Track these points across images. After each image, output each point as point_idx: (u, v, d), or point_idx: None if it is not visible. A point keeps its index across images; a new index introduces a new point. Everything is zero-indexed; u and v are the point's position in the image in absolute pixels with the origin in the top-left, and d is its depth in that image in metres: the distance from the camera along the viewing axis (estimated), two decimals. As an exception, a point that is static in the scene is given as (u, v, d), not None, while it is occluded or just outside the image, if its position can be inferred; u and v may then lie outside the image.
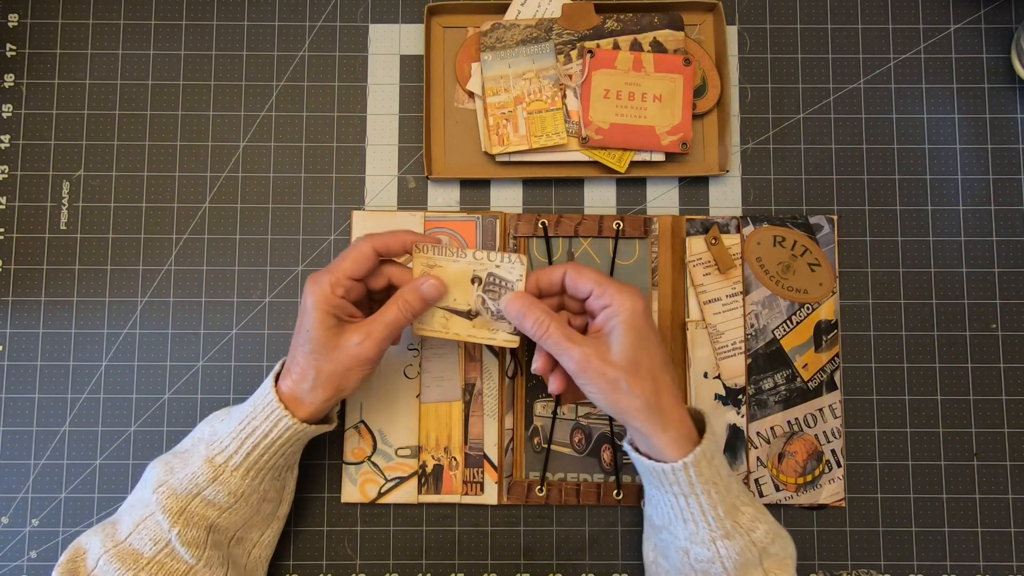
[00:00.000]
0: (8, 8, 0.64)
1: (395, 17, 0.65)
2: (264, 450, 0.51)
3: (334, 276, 0.51)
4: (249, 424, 0.51)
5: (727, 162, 0.62)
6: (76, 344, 0.62)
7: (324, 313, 0.51)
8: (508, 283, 0.53)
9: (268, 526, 0.56)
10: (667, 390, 0.51)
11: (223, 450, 0.51)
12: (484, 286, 0.53)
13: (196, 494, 0.50)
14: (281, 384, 0.52)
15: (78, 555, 0.50)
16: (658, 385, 0.50)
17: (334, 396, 0.52)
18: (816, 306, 0.61)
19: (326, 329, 0.51)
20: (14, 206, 0.63)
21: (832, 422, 0.61)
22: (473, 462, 0.60)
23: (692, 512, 0.50)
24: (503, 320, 0.53)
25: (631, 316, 0.50)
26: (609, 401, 0.50)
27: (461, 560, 0.60)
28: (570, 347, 0.50)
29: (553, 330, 0.51)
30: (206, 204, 0.63)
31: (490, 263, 0.53)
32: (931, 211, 0.63)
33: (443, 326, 0.54)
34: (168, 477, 0.51)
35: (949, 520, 0.61)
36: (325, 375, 0.51)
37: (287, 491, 0.57)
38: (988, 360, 0.62)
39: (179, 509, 0.50)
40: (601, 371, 0.50)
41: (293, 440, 0.52)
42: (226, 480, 0.51)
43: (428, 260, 0.53)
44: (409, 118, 0.64)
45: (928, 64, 0.64)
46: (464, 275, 0.53)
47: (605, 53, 0.62)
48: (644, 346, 0.50)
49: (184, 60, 0.64)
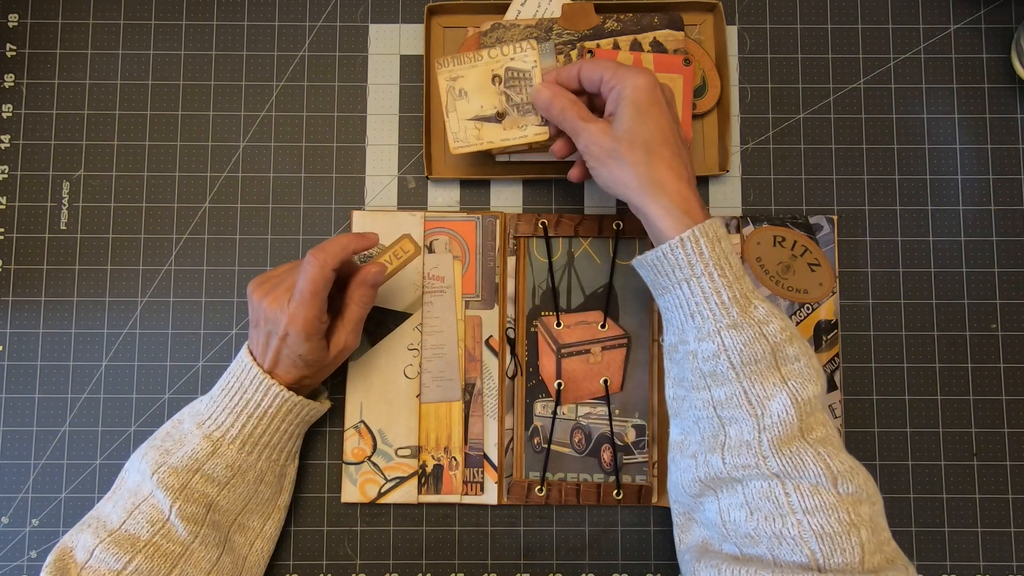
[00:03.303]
0: (8, 8, 0.64)
1: (395, 17, 0.65)
2: (258, 420, 0.53)
3: (311, 311, 0.52)
4: (241, 398, 0.53)
5: (727, 162, 0.62)
6: (76, 344, 0.62)
7: (315, 340, 0.53)
8: (525, 72, 0.55)
9: (269, 515, 0.56)
10: (664, 163, 0.49)
11: (219, 424, 0.53)
12: (505, 82, 0.55)
13: (196, 469, 0.51)
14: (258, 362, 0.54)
15: (64, 554, 0.49)
16: (652, 157, 0.49)
17: (325, 375, 0.57)
18: (816, 306, 0.61)
19: (319, 350, 0.54)
20: (14, 206, 0.63)
21: (832, 422, 0.60)
22: (473, 462, 0.60)
23: (696, 301, 0.48)
24: (530, 113, 0.56)
25: (633, 91, 0.50)
26: (605, 172, 0.50)
27: (461, 560, 0.60)
28: (580, 124, 0.51)
29: (569, 111, 0.52)
30: (206, 204, 0.63)
31: (504, 58, 0.55)
32: (931, 211, 0.63)
33: (476, 138, 0.56)
34: (166, 459, 0.52)
35: (949, 520, 0.61)
36: (326, 367, 0.56)
37: (287, 480, 0.57)
38: (988, 360, 0.62)
39: (180, 485, 0.51)
40: (601, 143, 0.50)
41: (286, 412, 0.54)
42: (224, 452, 0.52)
43: (449, 72, 0.56)
44: (409, 118, 0.64)
45: (928, 64, 0.64)
46: (485, 77, 0.56)
47: (605, 53, 0.62)
48: (644, 119, 0.50)
49: (184, 60, 0.64)
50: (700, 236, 0.47)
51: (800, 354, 0.47)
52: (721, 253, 0.48)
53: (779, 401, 0.45)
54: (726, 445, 0.46)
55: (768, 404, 0.45)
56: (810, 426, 0.46)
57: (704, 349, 0.47)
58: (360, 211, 0.62)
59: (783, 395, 0.45)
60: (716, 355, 0.47)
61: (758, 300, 0.48)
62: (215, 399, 0.54)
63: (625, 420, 0.60)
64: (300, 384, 0.55)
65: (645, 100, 0.50)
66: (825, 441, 0.46)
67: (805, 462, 0.44)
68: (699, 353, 0.48)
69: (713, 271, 0.47)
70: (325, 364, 0.55)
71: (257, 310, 0.54)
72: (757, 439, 0.45)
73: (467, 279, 0.62)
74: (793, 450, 0.45)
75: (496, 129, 0.56)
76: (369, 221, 0.62)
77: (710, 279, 0.47)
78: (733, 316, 0.47)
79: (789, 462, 0.44)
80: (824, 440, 0.46)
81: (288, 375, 0.54)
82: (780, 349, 0.46)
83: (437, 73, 0.56)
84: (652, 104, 0.50)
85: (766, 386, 0.46)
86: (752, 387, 0.46)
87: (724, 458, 0.46)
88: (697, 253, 0.47)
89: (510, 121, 0.56)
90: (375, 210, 0.63)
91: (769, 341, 0.46)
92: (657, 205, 0.48)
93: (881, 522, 0.45)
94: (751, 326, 0.46)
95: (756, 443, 0.45)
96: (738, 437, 0.46)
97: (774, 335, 0.46)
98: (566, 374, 0.60)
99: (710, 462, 0.47)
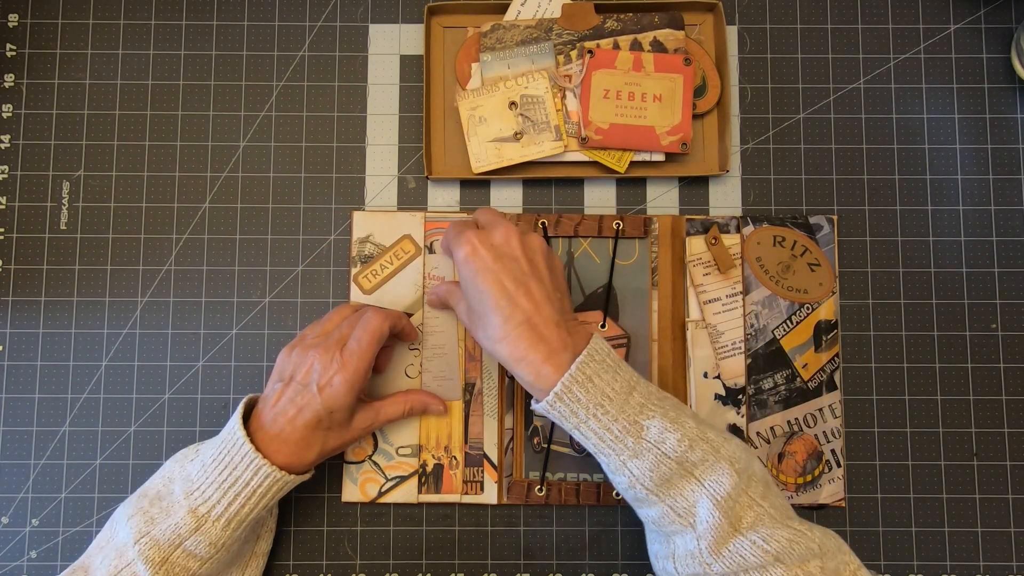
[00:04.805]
0: (8, 8, 0.64)
1: (395, 17, 0.65)
2: (246, 499, 0.50)
3: (364, 362, 0.51)
4: (230, 474, 0.50)
5: (727, 162, 0.62)
6: (76, 344, 0.62)
7: (355, 397, 0.52)
8: (539, 98, 0.60)
9: (247, 564, 0.55)
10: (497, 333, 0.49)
11: (206, 500, 0.50)
12: (520, 108, 0.60)
13: (178, 544, 0.49)
14: (261, 434, 0.51)
15: None
16: (496, 332, 0.49)
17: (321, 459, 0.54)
18: (816, 306, 0.61)
19: (349, 411, 0.53)
20: (14, 206, 0.63)
21: (832, 422, 0.61)
22: (473, 461, 0.60)
23: (593, 442, 0.48)
24: (546, 131, 0.60)
25: (460, 267, 0.50)
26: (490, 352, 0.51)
27: (461, 560, 0.60)
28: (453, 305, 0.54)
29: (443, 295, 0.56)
30: (206, 204, 0.63)
31: (519, 87, 0.60)
32: (931, 211, 0.63)
33: (497, 157, 0.61)
34: (150, 528, 0.49)
35: (949, 520, 0.61)
36: (329, 449, 0.53)
37: (266, 529, 0.57)
38: (988, 360, 0.62)
39: (161, 560, 0.48)
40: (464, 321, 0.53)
41: (277, 491, 0.51)
42: (208, 531, 0.49)
43: (470, 103, 0.61)
44: (409, 118, 0.64)
45: (928, 64, 0.64)
46: (502, 105, 0.60)
47: (605, 53, 0.62)
48: (475, 294, 0.49)
49: (184, 60, 0.64)
50: (572, 385, 0.47)
51: (705, 453, 0.47)
52: (596, 390, 0.47)
53: (703, 507, 0.46)
54: (675, 555, 0.48)
55: (696, 511, 0.46)
56: (738, 516, 0.46)
57: (619, 481, 0.49)
58: (360, 211, 0.62)
59: (704, 500, 0.46)
60: (631, 485, 0.48)
61: (648, 418, 0.47)
62: (206, 468, 0.50)
63: (625, 420, 0.60)
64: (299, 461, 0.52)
65: (468, 274, 0.49)
66: (756, 524, 0.46)
67: (745, 556, 0.45)
68: (618, 483, 0.49)
69: (595, 412, 0.47)
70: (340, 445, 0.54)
71: (297, 363, 0.52)
72: (698, 547, 0.46)
73: (467, 279, 0.62)
74: (731, 548, 0.45)
75: (515, 147, 0.61)
76: (369, 221, 0.62)
77: (596, 420, 0.47)
78: (629, 446, 0.47)
79: (731, 562, 0.45)
80: (755, 523, 0.46)
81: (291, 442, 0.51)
82: (685, 459, 0.47)
83: (458, 103, 0.61)
84: (476, 275, 0.49)
85: (687, 495, 0.46)
86: (675, 502, 0.47)
87: (677, 568, 0.48)
88: (574, 403, 0.47)
89: (527, 139, 0.60)
90: (375, 210, 0.63)
91: (672, 458, 0.46)
92: (523, 373, 0.49)
93: (838, 566, 0.46)
94: (649, 450, 0.46)
95: (698, 552, 0.46)
96: (684, 547, 0.47)
97: (674, 450, 0.46)
98: (566, 374, 0.60)
99: (667, 568, 0.49)
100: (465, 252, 0.49)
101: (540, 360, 0.48)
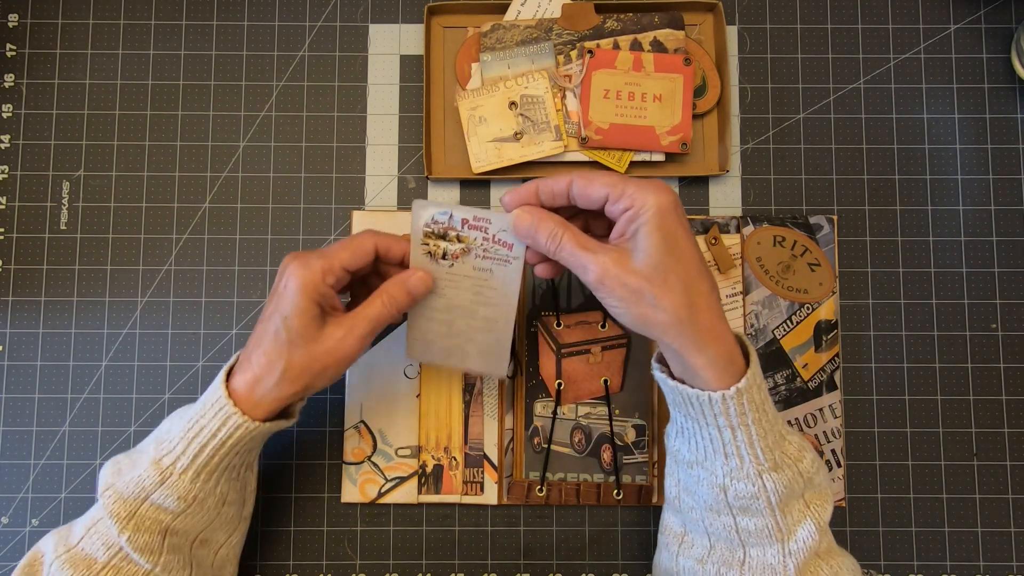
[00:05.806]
0: (8, 8, 0.64)
1: (395, 17, 0.65)
2: (214, 451, 0.47)
3: (328, 263, 0.47)
4: (197, 423, 0.47)
5: (727, 162, 0.62)
6: (76, 344, 0.62)
7: (309, 301, 0.46)
8: (539, 98, 0.60)
9: (235, 528, 0.53)
10: (704, 301, 0.44)
11: (171, 451, 0.47)
12: (520, 108, 0.60)
13: (144, 498, 0.47)
14: (236, 378, 0.48)
15: (36, 559, 0.47)
16: (692, 296, 0.43)
17: (300, 393, 0.48)
18: (816, 306, 0.61)
19: (309, 318, 0.46)
20: (14, 206, 0.63)
21: (832, 422, 0.61)
22: (473, 462, 0.60)
23: (738, 445, 0.45)
24: (546, 131, 0.60)
25: (656, 215, 0.43)
26: (634, 315, 0.44)
27: (461, 560, 0.60)
28: (586, 257, 0.44)
29: (567, 240, 0.44)
30: (206, 204, 0.63)
31: (519, 87, 0.60)
32: (931, 211, 0.63)
33: (497, 157, 0.61)
34: (115, 480, 0.47)
35: (949, 520, 0.61)
36: (296, 369, 0.47)
37: (248, 490, 0.53)
38: (988, 360, 0.62)
39: (127, 514, 0.46)
40: (622, 281, 0.43)
41: (246, 439, 0.48)
42: (175, 484, 0.47)
43: (471, 103, 0.60)
44: (409, 118, 0.64)
45: (928, 64, 0.64)
46: (502, 105, 0.60)
47: (605, 53, 0.62)
48: (673, 250, 0.43)
49: (184, 60, 0.64)
50: (752, 385, 0.44)
51: (823, 480, 0.48)
52: (760, 405, 0.45)
53: (806, 528, 0.46)
54: (746, 564, 0.47)
55: (796, 530, 0.46)
56: (828, 542, 0.48)
57: (740, 488, 0.46)
58: (360, 211, 0.62)
59: (809, 522, 0.46)
60: (755, 496, 0.45)
61: (789, 433, 0.48)
62: (181, 419, 0.49)
63: (625, 420, 0.60)
64: (278, 408, 0.49)
65: (672, 225, 0.43)
66: (831, 551, 0.48)
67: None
68: (731, 490, 0.46)
69: (761, 417, 0.45)
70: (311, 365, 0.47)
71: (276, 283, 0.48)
72: (783, 563, 0.46)
73: (467, 279, 0.62)
74: (813, 569, 0.46)
75: (515, 147, 0.60)
76: (369, 221, 0.62)
77: (758, 426, 0.45)
78: (775, 459, 0.46)
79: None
80: (830, 550, 0.48)
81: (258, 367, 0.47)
82: (811, 481, 0.47)
83: (458, 103, 0.61)
84: (679, 228, 0.43)
85: (794, 514, 0.47)
86: (783, 519, 0.46)
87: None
88: (739, 411, 0.44)
89: (527, 139, 0.60)
90: (375, 210, 0.63)
91: (803, 477, 0.46)
92: (701, 355, 0.44)
93: None
94: (789, 466, 0.46)
95: (782, 567, 0.46)
96: (760, 559, 0.46)
97: (807, 470, 0.46)
98: (566, 374, 0.60)
99: (724, 575, 0.48)
100: (673, 200, 0.43)
101: (732, 342, 0.45)
